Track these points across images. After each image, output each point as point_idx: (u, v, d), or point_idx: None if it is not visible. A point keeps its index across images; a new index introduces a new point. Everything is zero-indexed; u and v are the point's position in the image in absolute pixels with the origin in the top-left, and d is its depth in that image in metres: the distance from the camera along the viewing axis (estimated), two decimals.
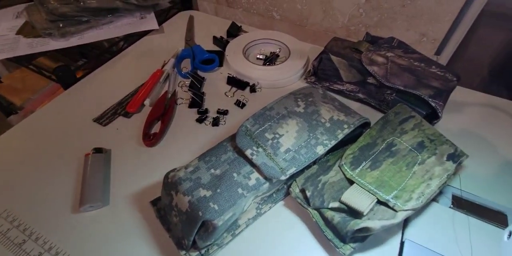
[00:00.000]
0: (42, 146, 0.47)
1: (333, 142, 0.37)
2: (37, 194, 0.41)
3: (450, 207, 0.39)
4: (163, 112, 0.50)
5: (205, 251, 0.34)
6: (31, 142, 0.47)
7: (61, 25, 0.62)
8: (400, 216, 0.33)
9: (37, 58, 0.69)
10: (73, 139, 0.48)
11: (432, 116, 0.47)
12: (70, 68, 0.56)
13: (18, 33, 0.66)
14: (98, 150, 0.44)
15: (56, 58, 0.76)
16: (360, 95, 0.52)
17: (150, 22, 0.69)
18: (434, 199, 0.40)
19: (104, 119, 0.50)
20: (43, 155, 0.46)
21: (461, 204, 0.39)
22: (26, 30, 0.66)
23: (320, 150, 0.36)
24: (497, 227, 0.37)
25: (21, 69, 0.83)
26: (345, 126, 0.38)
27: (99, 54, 0.64)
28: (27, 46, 0.63)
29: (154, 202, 0.38)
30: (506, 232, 0.28)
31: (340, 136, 0.37)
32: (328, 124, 0.38)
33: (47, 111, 0.52)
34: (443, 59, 0.64)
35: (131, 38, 0.67)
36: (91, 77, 0.58)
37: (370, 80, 0.50)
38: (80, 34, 0.65)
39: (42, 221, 0.38)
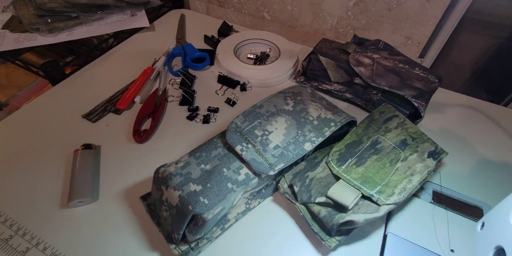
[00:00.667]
0: (29, 142, 0.46)
1: (321, 139, 0.38)
2: (24, 189, 0.41)
3: (430, 202, 0.41)
4: (154, 109, 0.50)
5: (195, 244, 0.35)
6: (18, 138, 0.47)
7: (49, 20, 0.62)
8: (383, 210, 0.34)
9: (23, 53, 0.68)
10: (62, 135, 0.47)
11: (415, 116, 0.49)
12: (58, 63, 0.56)
13: (4, 27, 0.65)
14: (87, 146, 0.44)
15: (43, 54, 0.75)
16: (347, 95, 0.54)
17: (141, 19, 0.69)
18: (416, 194, 0.42)
19: (93, 115, 0.50)
20: (30, 151, 0.45)
21: (441, 199, 0.41)
22: (13, 25, 0.65)
23: (308, 147, 0.37)
24: (474, 220, 0.39)
25: (6, 65, 0.81)
26: (332, 124, 0.39)
27: (88, 51, 0.64)
28: (13, 41, 0.62)
29: (144, 198, 0.39)
30: (479, 223, 0.29)
31: (327, 134, 0.38)
32: (315, 122, 0.39)
33: (34, 107, 0.52)
34: (427, 62, 0.67)
35: (121, 35, 0.67)
36: (80, 73, 0.58)
37: (357, 80, 0.52)
38: (69, 30, 0.64)
39: (29, 217, 0.38)
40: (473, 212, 0.39)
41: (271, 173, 0.35)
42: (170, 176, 0.34)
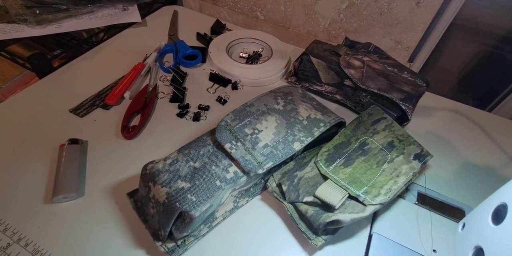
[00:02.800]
0: (14, 135, 0.45)
1: (310, 139, 0.38)
2: (7, 183, 0.40)
3: (415, 204, 0.42)
4: (143, 105, 0.50)
5: (182, 242, 0.35)
6: (1, 131, 0.46)
7: (37, 11, 0.60)
8: (369, 210, 0.35)
9: (9, 45, 0.66)
10: (48, 129, 0.46)
11: (402, 119, 0.50)
12: (46, 56, 0.55)
13: None
14: (73, 141, 0.43)
15: (30, 46, 0.73)
16: (337, 97, 0.55)
17: (132, 14, 0.68)
18: (401, 196, 0.42)
19: (81, 110, 0.49)
20: (15, 144, 0.44)
21: (425, 200, 0.42)
22: None
23: (297, 146, 0.37)
24: (456, 221, 0.40)
25: None
26: (322, 124, 0.40)
27: (77, 45, 0.63)
28: None
29: (131, 194, 0.38)
30: (460, 224, 0.30)
31: (317, 134, 0.39)
32: (305, 122, 0.39)
33: (19, 100, 0.50)
34: (416, 67, 0.68)
35: (112, 30, 0.66)
36: (69, 67, 0.57)
37: (347, 82, 0.52)
38: (58, 22, 0.63)
39: (11, 212, 0.37)
40: (456, 213, 0.40)
41: (260, 171, 0.35)
42: (158, 173, 0.34)
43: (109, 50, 0.62)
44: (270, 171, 0.41)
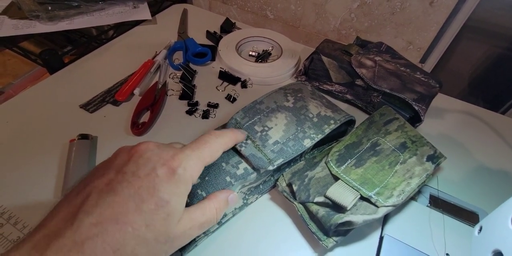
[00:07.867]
0: (24, 130, 0.45)
1: (320, 136, 0.38)
2: (18, 178, 0.40)
3: (427, 206, 0.41)
4: (153, 102, 0.50)
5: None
6: (12, 126, 0.46)
7: (49, 8, 0.61)
8: (381, 212, 0.34)
9: (21, 42, 0.67)
10: (58, 124, 0.46)
11: (415, 119, 0.49)
12: (57, 52, 0.55)
13: (3, 13, 0.63)
14: (83, 137, 0.43)
15: (41, 43, 0.74)
16: (348, 96, 0.54)
17: (142, 12, 0.68)
18: (413, 198, 0.42)
19: (91, 105, 0.49)
20: (25, 139, 0.44)
21: (437, 203, 0.41)
22: (12, 11, 0.63)
23: (307, 143, 0.37)
24: (469, 225, 0.39)
25: (3, 53, 0.80)
26: (332, 121, 0.39)
27: (87, 41, 0.63)
28: (11, 28, 0.61)
29: None
30: (477, 227, 0.29)
31: (327, 131, 0.38)
32: (315, 119, 0.39)
33: (30, 95, 0.50)
34: (427, 68, 0.67)
35: (122, 27, 0.66)
36: (79, 63, 0.57)
37: (358, 82, 0.52)
38: (69, 19, 0.63)
39: (22, 205, 0.37)
40: (469, 217, 0.39)
41: (270, 168, 0.34)
42: None
43: (119, 47, 0.62)
44: (279, 169, 0.40)
